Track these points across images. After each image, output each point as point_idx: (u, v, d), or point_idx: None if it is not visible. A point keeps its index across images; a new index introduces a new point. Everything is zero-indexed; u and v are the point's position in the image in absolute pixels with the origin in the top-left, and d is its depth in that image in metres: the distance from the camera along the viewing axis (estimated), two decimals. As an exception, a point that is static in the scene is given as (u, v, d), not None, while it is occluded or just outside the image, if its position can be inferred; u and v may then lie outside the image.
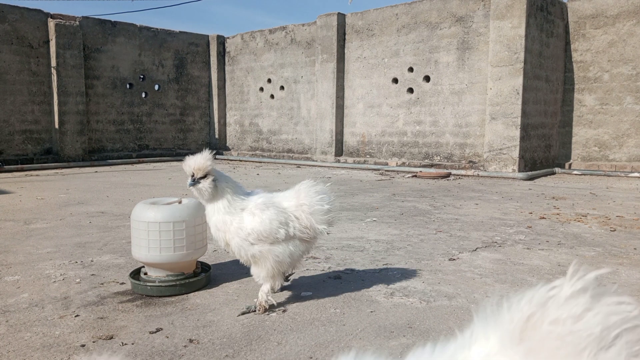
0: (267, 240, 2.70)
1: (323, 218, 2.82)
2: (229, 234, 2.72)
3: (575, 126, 11.42)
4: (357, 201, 6.94)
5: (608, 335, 0.64)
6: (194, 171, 2.73)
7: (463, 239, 4.63)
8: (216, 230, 2.77)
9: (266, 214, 2.69)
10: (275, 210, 2.73)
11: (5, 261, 3.84)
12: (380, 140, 12.88)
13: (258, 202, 2.76)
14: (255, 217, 2.69)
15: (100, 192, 7.73)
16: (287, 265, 2.81)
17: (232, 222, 2.72)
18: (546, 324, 0.66)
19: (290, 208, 2.79)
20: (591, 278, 0.68)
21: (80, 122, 13.35)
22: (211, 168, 2.75)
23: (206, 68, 16.75)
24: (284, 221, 2.72)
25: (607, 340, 0.64)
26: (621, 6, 10.54)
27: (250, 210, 2.72)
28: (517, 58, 10.05)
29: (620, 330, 0.65)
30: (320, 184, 2.92)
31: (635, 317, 0.66)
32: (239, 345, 2.37)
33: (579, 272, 0.70)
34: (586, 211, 6.16)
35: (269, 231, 2.68)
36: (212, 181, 2.73)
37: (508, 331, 0.69)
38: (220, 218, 2.73)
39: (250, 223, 2.68)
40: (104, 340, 2.42)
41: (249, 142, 16.34)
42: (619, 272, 3.57)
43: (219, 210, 2.74)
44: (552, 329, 0.66)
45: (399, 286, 3.24)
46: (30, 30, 12.65)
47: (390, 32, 12.36)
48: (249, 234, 2.68)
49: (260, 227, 2.67)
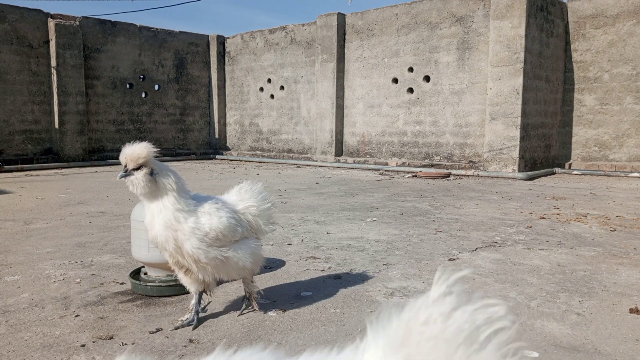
0: (226, 240, 2.55)
1: (268, 217, 2.79)
2: (181, 233, 2.44)
3: (575, 126, 11.42)
4: (357, 201, 6.94)
5: (478, 335, 0.65)
6: (126, 161, 2.46)
7: (463, 239, 4.63)
8: (165, 227, 2.45)
9: (222, 212, 2.56)
10: (229, 209, 2.62)
11: (5, 261, 3.84)
12: (380, 140, 12.88)
13: (210, 202, 2.59)
14: (213, 216, 2.51)
15: (100, 192, 7.73)
16: (253, 266, 2.68)
17: (186, 219, 2.46)
18: (419, 326, 0.67)
19: (239, 210, 2.69)
20: (454, 280, 0.70)
21: (80, 122, 13.35)
22: (147, 159, 2.45)
23: (206, 68, 16.75)
24: (238, 220, 2.63)
25: (478, 341, 0.65)
26: (621, 6, 10.53)
27: (204, 209, 2.54)
28: (517, 58, 10.05)
29: (490, 330, 0.66)
30: (259, 184, 2.84)
31: (503, 318, 0.67)
32: (239, 345, 2.37)
33: (444, 275, 0.71)
34: (586, 211, 6.16)
35: (228, 229, 2.53)
36: (148, 174, 2.45)
37: (391, 338, 0.70)
38: (171, 214, 2.45)
39: (208, 222, 2.49)
40: (104, 340, 2.41)
41: (249, 142, 16.33)
42: (619, 272, 3.57)
43: (167, 207, 2.46)
44: (424, 330, 0.66)
45: (399, 286, 3.24)
46: (30, 30, 12.65)
47: (390, 32, 12.36)
48: (207, 234, 2.47)
49: (220, 225, 2.50)
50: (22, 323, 2.62)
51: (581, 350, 2.33)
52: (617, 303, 2.95)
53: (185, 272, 2.58)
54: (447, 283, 0.70)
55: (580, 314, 2.78)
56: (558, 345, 2.37)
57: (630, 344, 2.39)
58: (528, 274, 3.51)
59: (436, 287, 0.71)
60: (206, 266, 2.50)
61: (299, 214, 5.91)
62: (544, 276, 3.46)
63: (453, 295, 0.69)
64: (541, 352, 2.30)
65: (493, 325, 0.67)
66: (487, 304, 0.68)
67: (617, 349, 2.34)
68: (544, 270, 3.61)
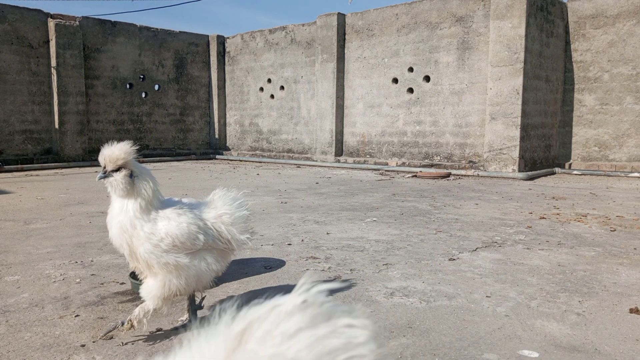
0: (184, 247, 2.39)
1: (244, 226, 2.60)
2: (136, 239, 2.36)
3: (575, 126, 11.42)
4: (357, 201, 6.94)
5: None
6: (105, 162, 2.40)
7: (463, 239, 4.63)
8: (121, 232, 2.38)
9: (183, 218, 2.42)
10: (193, 215, 2.46)
11: (5, 261, 3.84)
12: (380, 140, 12.88)
13: (175, 207, 2.47)
14: (171, 221, 2.39)
15: (100, 192, 7.73)
16: (207, 279, 2.51)
17: (142, 226, 2.37)
18: (253, 342, 0.55)
19: (209, 219, 2.52)
20: (316, 292, 0.58)
21: (80, 122, 13.35)
22: (126, 161, 2.40)
23: (206, 68, 16.75)
24: (202, 227, 2.46)
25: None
26: (621, 6, 10.53)
27: (165, 214, 2.42)
28: (517, 58, 10.05)
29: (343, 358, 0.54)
30: (234, 190, 2.68)
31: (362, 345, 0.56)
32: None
33: (307, 283, 0.59)
34: (586, 211, 6.16)
35: (187, 235, 2.38)
36: (127, 176, 2.40)
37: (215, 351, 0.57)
38: (128, 219, 2.37)
39: (165, 227, 2.37)
40: (104, 340, 2.41)
41: (249, 142, 16.33)
42: (619, 272, 3.57)
43: (128, 211, 2.38)
44: (257, 349, 0.54)
45: (399, 286, 3.24)
46: (30, 30, 12.65)
47: (390, 32, 12.36)
48: (162, 239, 2.35)
49: (177, 230, 2.37)
50: (22, 323, 2.62)
51: (581, 350, 2.33)
52: (617, 303, 2.95)
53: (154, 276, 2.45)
54: (307, 294, 0.58)
55: (580, 314, 2.78)
56: (558, 345, 2.37)
57: (630, 344, 2.39)
58: (528, 274, 3.51)
59: (292, 296, 0.59)
60: (160, 272, 2.39)
61: (299, 214, 5.91)
62: (544, 276, 3.46)
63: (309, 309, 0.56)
64: (541, 352, 2.30)
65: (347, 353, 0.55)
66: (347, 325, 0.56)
67: (617, 349, 2.34)
68: (544, 270, 3.61)
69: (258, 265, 3.74)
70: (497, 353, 2.29)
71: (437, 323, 2.64)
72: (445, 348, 2.34)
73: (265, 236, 4.71)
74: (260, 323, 0.56)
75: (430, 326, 2.59)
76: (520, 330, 2.54)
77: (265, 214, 5.87)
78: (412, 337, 2.46)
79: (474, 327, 2.58)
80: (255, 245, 4.34)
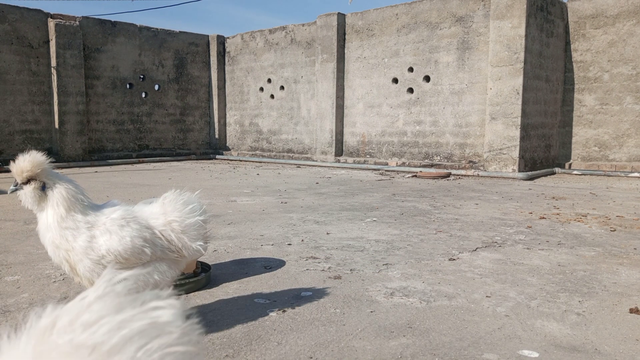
0: (128, 263, 2.22)
1: (198, 233, 2.40)
2: (73, 254, 2.19)
3: (575, 126, 11.42)
4: (357, 201, 6.94)
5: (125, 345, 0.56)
6: (15, 175, 2.25)
7: (463, 239, 4.63)
8: (55, 248, 2.23)
9: (126, 231, 2.23)
10: (138, 226, 2.28)
11: (5, 261, 3.84)
12: (380, 140, 12.88)
13: (114, 217, 2.27)
14: (113, 235, 2.21)
15: (100, 192, 7.73)
16: None
17: (75, 238, 2.19)
18: (55, 334, 0.57)
19: (157, 226, 2.34)
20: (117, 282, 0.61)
21: (80, 122, 13.35)
22: (33, 173, 2.22)
23: (206, 68, 16.75)
24: (149, 238, 2.28)
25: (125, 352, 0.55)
26: (621, 6, 10.54)
27: (104, 226, 2.23)
28: (517, 58, 10.05)
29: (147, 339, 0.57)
30: (188, 193, 2.47)
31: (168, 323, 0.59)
32: (239, 345, 2.37)
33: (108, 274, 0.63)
34: (586, 211, 6.16)
35: (131, 251, 2.22)
36: (38, 189, 2.24)
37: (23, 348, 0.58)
38: (57, 233, 2.20)
39: (107, 242, 2.19)
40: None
41: (249, 142, 16.34)
42: (619, 272, 3.57)
43: (51, 225, 2.21)
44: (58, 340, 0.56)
45: (399, 286, 3.24)
46: (30, 30, 12.65)
47: (390, 32, 12.36)
48: (104, 256, 2.18)
49: (120, 246, 2.20)
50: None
51: (581, 350, 2.33)
52: (617, 303, 2.95)
53: None
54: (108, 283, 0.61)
55: (580, 314, 2.78)
56: (558, 345, 2.37)
57: (630, 344, 2.39)
58: (528, 274, 3.51)
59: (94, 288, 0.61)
60: None
61: (299, 214, 5.92)
62: (544, 276, 3.46)
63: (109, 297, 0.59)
64: (541, 352, 2.30)
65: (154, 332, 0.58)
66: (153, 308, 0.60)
67: (617, 349, 2.34)
68: (544, 270, 3.61)
69: (258, 265, 3.74)
70: (497, 353, 2.29)
71: (437, 323, 2.64)
72: (445, 348, 2.34)
73: (265, 236, 4.71)
74: (64, 316, 0.58)
75: (430, 326, 2.60)
76: (520, 330, 2.54)
77: (265, 214, 5.88)
78: (412, 337, 2.46)
79: (474, 327, 2.58)
80: (256, 245, 4.34)
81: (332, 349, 2.33)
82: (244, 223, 5.34)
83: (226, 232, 4.89)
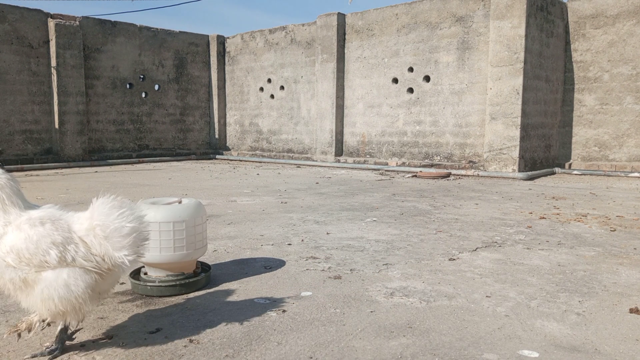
0: (32, 264, 2.09)
1: (124, 242, 2.17)
2: None
3: (575, 126, 11.42)
4: (357, 201, 6.94)
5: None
6: None
7: (463, 239, 4.63)
8: None
9: (36, 230, 2.12)
10: (52, 227, 2.15)
11: (5, 261, 3.83)
12: (380, 140, 12.88)
13: (33, 216, 2.17)
14: (21, 233, 2.11)
15: (100, 192, 7.73)
16: (65, 304, 2.11)
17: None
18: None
19: (79, 231, 2.19)
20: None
21: (80, 122, 13.35)
22: None
23: (206, 68, 16.75)
24: (60, 241, 2.13)
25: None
26: (621, 6, 10.54)
27: (18, 224, 2.14)
28: (517, 58, 10.05)
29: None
30: (120, 197, 2.27)
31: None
32: (239, 345, 2.37)
33: None
34: (586, 211, 6.16)
35: (34, 251, 2.08)
36: None
37: None
38: None
39: (12, 239, 2.10)
40: (104, 340, 2.42)
41: (249, 142, 16.34)
42: (619, 272, 3.57)
43: None
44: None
45: (399, 286, 3.24)
46: (30, 30, 12.65)
47: (390, 32, 12.36)
48: (8, 253, 2.09)
49: (22, 244, 2.09)
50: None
51: (581, 350, 2.33)
52: (617, 303, 2.95)
53: None
54: None
55: (580, 314, 2.78)
56: (558, 345, 2.37)
57: (630, 344, 2.39)
58: (528, 274, 3.51)
59: None
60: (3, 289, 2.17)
61: (299, 214, 5.92)
62: (544, 276, 3.46)
63: None
64: (541, 352, 2.30)
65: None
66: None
67: (617, 349, 2.35)
68: (544, 270, 3.61)
69: (258, 265, 3.74)
70: (497, 353, 2.29)
71: (437, 323, 2.64)
72: (445, 348, 2.34)
73: (265, 236, 4.71)
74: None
75: (430, 326, 2.60)
76: (520, 330, 2.54)
77: (265, 214, 5.88)
78: (412, 337, 2.46)
79: (474, 327, 2.58)
80: (256, 245, 4.34)
81: (332, 349, 2.33)
82: (243, 223, 5.34)
83: (226, 232, 4.89)
